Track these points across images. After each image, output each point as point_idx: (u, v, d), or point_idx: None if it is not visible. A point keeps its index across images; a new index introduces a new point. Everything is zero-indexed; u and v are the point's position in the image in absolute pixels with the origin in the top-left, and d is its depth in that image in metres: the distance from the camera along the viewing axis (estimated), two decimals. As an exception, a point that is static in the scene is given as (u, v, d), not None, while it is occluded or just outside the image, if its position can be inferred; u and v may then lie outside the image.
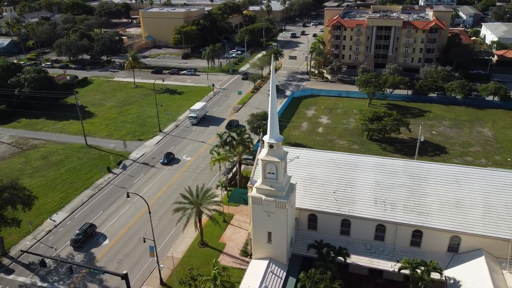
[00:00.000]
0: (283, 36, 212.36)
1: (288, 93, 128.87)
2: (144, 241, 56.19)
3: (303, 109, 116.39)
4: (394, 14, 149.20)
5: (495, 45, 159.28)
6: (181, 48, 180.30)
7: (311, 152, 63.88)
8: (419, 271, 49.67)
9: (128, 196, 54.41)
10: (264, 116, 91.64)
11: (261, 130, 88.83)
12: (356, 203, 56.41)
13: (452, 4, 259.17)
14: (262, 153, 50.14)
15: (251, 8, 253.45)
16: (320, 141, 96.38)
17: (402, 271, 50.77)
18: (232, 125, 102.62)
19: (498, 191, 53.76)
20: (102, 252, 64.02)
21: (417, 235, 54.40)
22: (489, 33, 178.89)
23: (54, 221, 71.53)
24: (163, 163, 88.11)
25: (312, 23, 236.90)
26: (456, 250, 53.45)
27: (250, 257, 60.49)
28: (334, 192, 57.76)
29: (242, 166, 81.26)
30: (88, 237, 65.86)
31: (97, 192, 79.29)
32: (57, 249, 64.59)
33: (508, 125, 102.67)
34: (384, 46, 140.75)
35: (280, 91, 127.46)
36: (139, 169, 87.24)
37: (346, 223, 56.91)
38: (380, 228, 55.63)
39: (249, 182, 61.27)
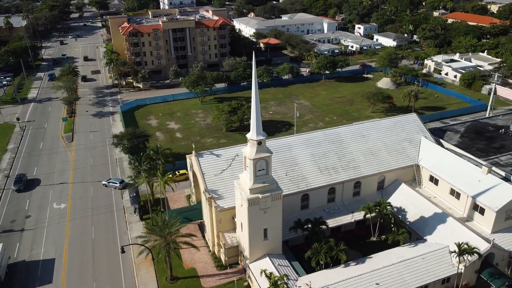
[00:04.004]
0: (47, 53, 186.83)
1: (112, 109, 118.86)
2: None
3: (142, 120, 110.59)
4: (179, 16, 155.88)
5: (256, 36, 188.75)
6: None
7: (243, 146, 64.95)
8: (377, 210, 60.69)
9: (123, 252, 42.76)
10: (133, 134, 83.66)
11: (137, 149, 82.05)
12: (307, 178, 62.63)
13: (193, 6, 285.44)
14: (251, 153, 49.37)
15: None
16: (188, 144, 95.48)
17: (368, 215, 60.75)
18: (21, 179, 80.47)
19: (390, 134, 70.40)
20: None
21: (356, 186, 65.49)
22: (244, 26, 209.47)
23: None
24: None
25: (70, 36, 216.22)
26: (382, 186, 67.48)
27: (230, 267, 58.68)
28: (286, 174, 62.14)
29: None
30: None
31: (-31, 289, 56.34)
32: None
33: (313, 94, 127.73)
34: (182, 47, 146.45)
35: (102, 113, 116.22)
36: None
37: (304, 198, 62.49)
38: (330, 191, 63.95)
39: (206, 194, 58.18)
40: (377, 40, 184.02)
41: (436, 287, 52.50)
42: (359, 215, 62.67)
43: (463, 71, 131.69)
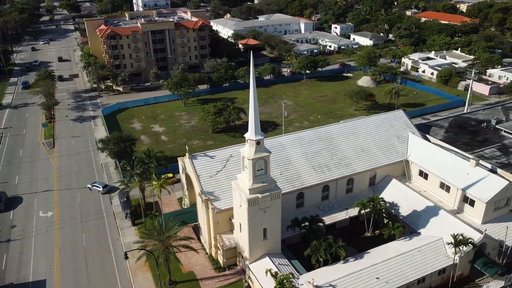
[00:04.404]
0: (19, 58, 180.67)
1: (93, 113, 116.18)
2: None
3: (125, 124, 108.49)
4: (157, 18, 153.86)
5: (234, 36, 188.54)
6: None
7: (239, 147, 64.69)
8: (371, 205, 61.56)
9: (126, 258, 41.62)
10: (119, 138, 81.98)
11: (124, 153, 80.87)
12: (301, 176, 63.01)
13: (168, 8, 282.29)
14: (250, 153, 49.18)
15: None
16: (174, 147, 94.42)
17: (362, 211, 61.57)
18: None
19: (378, 131, 71.65)
20: None
21: (349, 183, 66.29)
22: (221, 27, 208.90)
23: None
24: None
25: (42, 42, 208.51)
26: (374, 182, 68.57)
27: (228, 269, 58.30)
28: (281, 174, 62.27)
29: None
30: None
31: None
32: None
33: (295, 94, 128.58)
34: (162, 49, 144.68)
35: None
36: None
37: (299, 196, 62.79)
38: (324, 189, 64.50)
39: (203, 196, 57.60)
40: (354, 39, 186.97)
41: (433, 278, 53.78)
42: (353, 212, 63.49)
43: (439, 68, 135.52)
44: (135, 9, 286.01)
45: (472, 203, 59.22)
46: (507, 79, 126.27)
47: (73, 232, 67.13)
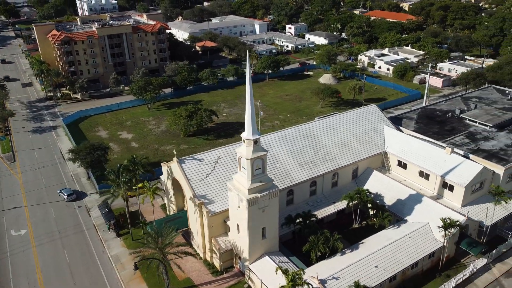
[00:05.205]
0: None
1: (52, 123, 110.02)
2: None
3: (90, 132, 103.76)
4: (112, 22, 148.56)
5: (191, 39, 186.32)
6: None
7: (226, 148, 64.33)
8: (359, 197, 63.36)
9: (136, 268, 39.49)
10: (91, 147, 78.39)
11: (97, 162, 77.82)
12: (290, 173, 63.66)
13: (115, 11, 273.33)
14: (248, 152, 48.98)
15: None
16: (148, 153, 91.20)
17: (350, 204, 63.20)
18: None
19: (357, 125, 73.98)
20: None
21: (334, 177, 67.82)
22: (176, 30, 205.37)
23: None
24: None
25: None
26: (356, 175, 70.67)
27: (225, 272, 57.58)
28: (270, 172, 62.37)
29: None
30: None
31: None
32: None
33: (261, 94, 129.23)
34: (119, 53, 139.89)
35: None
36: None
37: (289, 193, 63.33)
38: (312, 185, 65.54)
39: (196, 200, 56.47)
40: (309, 39, 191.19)
41: (424, 262, 56.39)
42: (341, 205, 65.05)
43: (395, 64, 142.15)
44: (79, 14, 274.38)
45: (451, 188, 62.74)
46: (456, 72, 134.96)
47: (54, 249, 63.24)
